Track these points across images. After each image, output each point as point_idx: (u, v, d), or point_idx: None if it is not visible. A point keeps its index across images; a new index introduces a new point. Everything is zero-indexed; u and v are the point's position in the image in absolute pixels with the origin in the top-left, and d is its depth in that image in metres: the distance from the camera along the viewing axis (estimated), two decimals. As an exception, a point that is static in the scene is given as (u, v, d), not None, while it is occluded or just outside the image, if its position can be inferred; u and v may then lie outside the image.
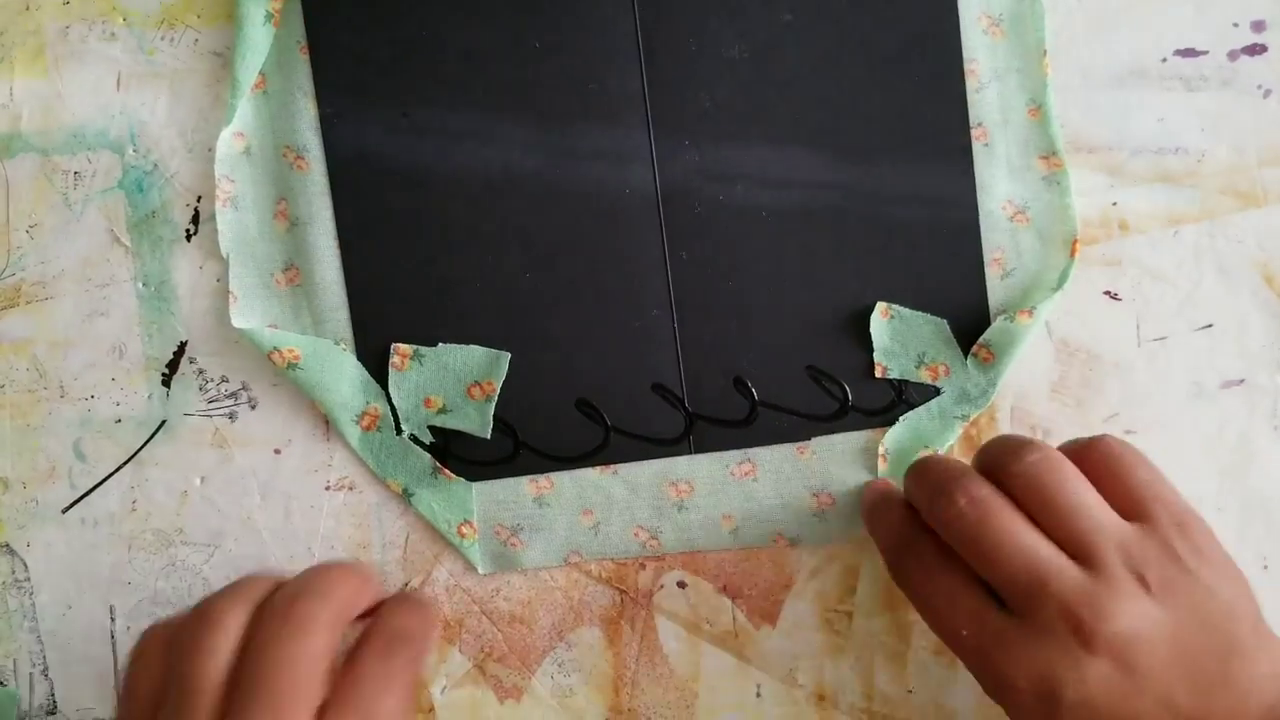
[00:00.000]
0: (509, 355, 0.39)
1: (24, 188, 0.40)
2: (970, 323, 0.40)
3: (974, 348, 0.40)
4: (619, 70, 0.39)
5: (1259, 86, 0.40)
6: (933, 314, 0.40)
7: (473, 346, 0.39)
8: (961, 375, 0.40)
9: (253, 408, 0.40)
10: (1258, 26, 0.40)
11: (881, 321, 0.40)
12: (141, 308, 0.40)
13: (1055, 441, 0.40)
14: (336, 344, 0.39)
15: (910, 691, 0.40)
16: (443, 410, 0.40)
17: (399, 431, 0.40)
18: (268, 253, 0.40)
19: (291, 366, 0.39)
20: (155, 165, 0.40)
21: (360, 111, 0.39)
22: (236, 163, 0.39)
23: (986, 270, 0.40)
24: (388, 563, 0.40)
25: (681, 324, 0.40)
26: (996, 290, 0.40)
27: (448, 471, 0.40)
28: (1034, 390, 0.40)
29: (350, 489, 0.40)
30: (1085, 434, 0.40)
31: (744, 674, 0.40)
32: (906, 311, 0.40)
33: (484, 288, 0.40)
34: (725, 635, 0.40)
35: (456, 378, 0.40)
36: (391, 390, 0.39)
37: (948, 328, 0.40)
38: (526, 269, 0.40)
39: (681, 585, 0.40)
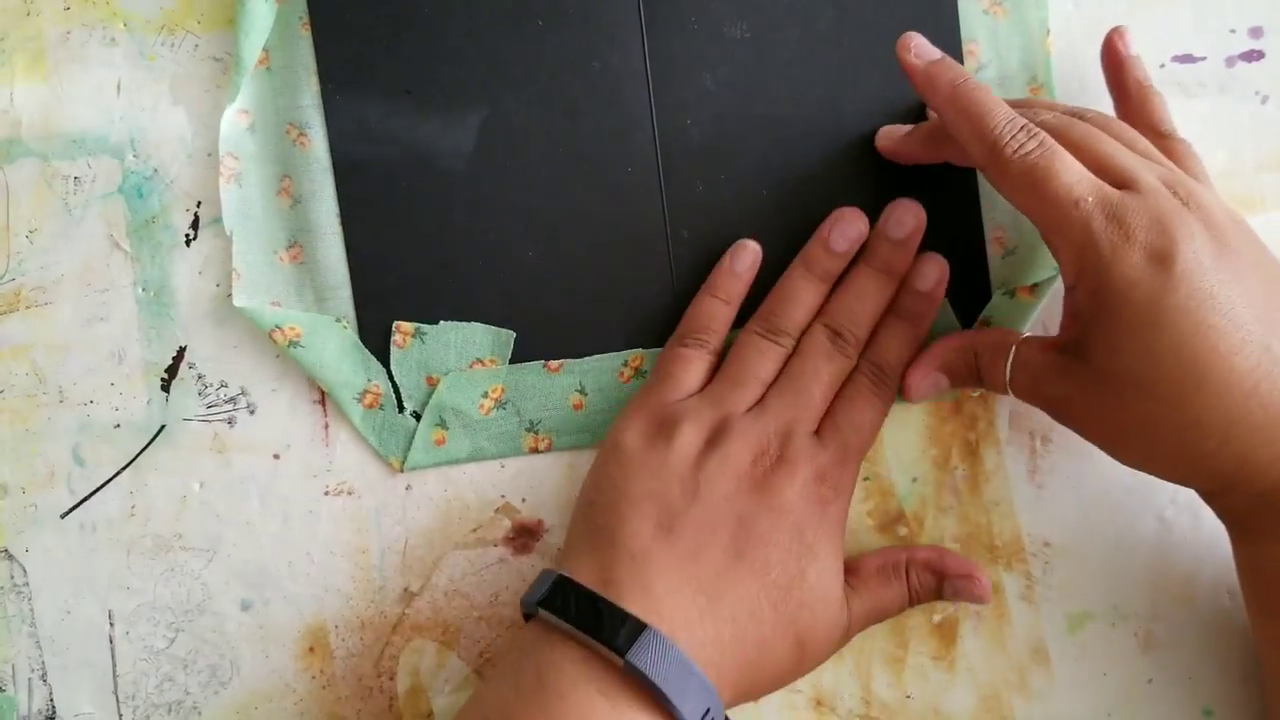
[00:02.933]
0: (514, 334, 0.40)
1: (24, 193, 0.40)
2: (972, 302, 0.40)
3: (975, 325, 0.40)
4: (621, 48, 0.40)
5: (1256, 92, 0.40)
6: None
7: (475, 324, 0.40)
8: None
9: (252, 413, 0.40)
10: (1255, 33, 0.40)
11: None
12: (141, 313, 0.40)
13: (1054, 449, 0.40)
14: (338, 321, 0.39)
15: (908, 697, 0.40)
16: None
17: (401, 409, 0.40)
18: (271, 230, 0.40)
19: (293, 344, 0.39)
20: (155, 170, 0.40)
21: (362, 88, 0.40)
22: (240, 139, 0.40)
23: (988, 249, 0.40)
24: (386, 568, 0.40)
25: (682, 303, 0.40)
26: (998, 269, 0.40)
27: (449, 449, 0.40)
28: (1032, 395, 0.40)
29: (349, 494, 0.40)
30: (1084, 441, 0.40)
31: (743, 679, 0.40)
32: None
33: (486, 265, 0.40)
34: (724, 640, 0.40)
35: (459, 355, 0.40)
36: (393, 368, 0.40)
37: (949, 306, 0.40)
38: (528, 247, 0.40)
39: (680, 590, 0.40)
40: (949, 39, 0.40)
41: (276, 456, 0.40)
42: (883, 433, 0.40)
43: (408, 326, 0.40)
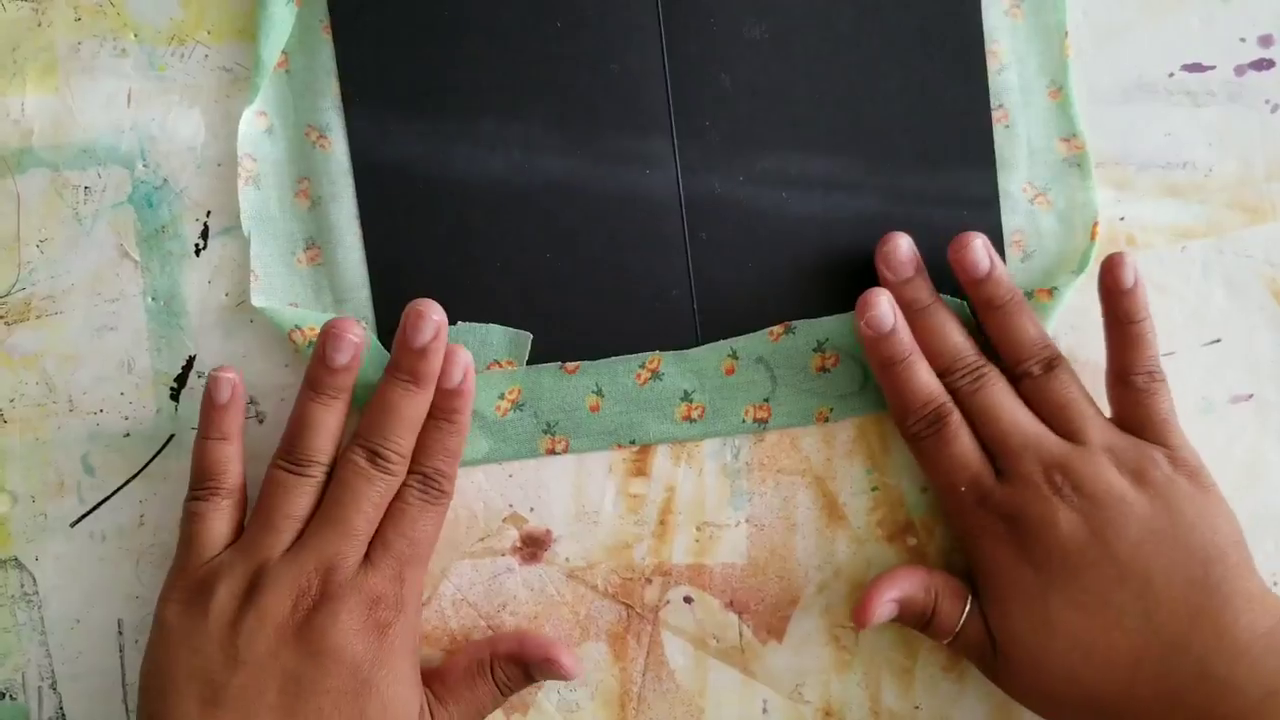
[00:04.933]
0: (531, 335, 0.40)
1: (35, 203, 0.40)
2: None
3: None
4: (640, 49, 0.40)
5: (1266, 101, 0.40)
6: (952, 297, 0.40)
7: (492, 325, 0.40)
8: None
9: (260, 422, 0.40)
10: (1265, 41, 0.40)
11: None
12: (150, 322, 0.40)
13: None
14: (358, 322, 0.39)
15: (917, 708, 0.40)
16: None
17: None
18: (289, 231, 0.40)
19: (312, 345, 0.39)
20: (165, 180, 0.40)
21: (383, 90, 0.40)
22: (258, 141, 0.40)
23: (1007, 252, 0.40)
24: (394, 577, 0.40)
25: (701, 305, 0.40)
26: (1017, 272, 0.40)
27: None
28: (1041, 405, 0.40)
29: (357, 503, 0.40)
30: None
31: (750, 690, 0.40)
32: None
33: (504, 267, 0.40)
34: (732, 651, 0.40)
35: (476, 356, 0.39)
36: None
37: (968, 308, 0.40)
38: (546, 248, 0.40)
39: (688, 600, 0.40)
40: (971, 39, 0.40)
41: (285, 466, 0.40)
42: (891, 442, 0.40)
43: None
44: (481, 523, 0.40)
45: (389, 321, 0.40)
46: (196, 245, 0.40)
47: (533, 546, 0.40)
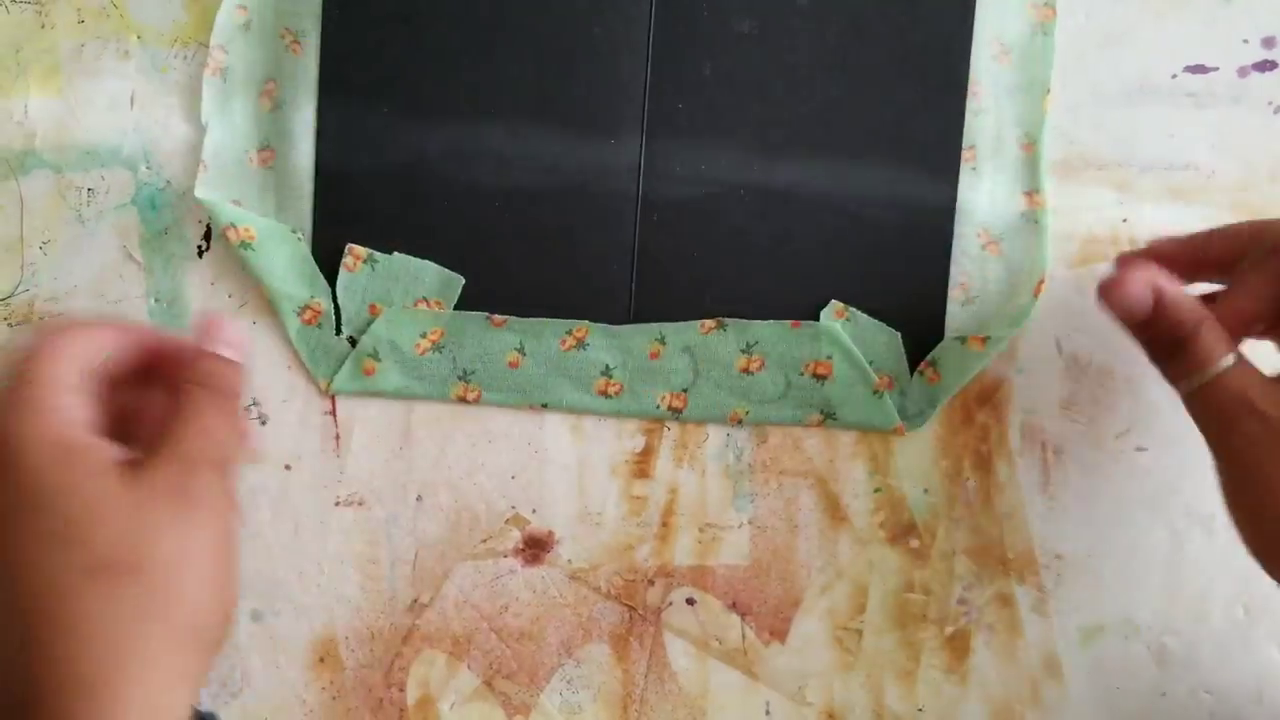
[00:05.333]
0: (463, 280, 0.39)
1: (38, 205, 0.40)
2: (923, 343, 0.40)
3: (921, 365, 0.39)
4: (627, 18, 0.39)
5: (1269, 103, 0.40)
6: (888, 326, 0.39)
7: (427, 262, 0.39)
8: (904, 391, 0.40)
9: (263, 424, 0.40)
10: (1268, 43, 0.40)
11: (835, 320, 0.40)
12: (153, 324, 0.40)
13: (1066, 461, 0.40)
14: (294, 232, 0.39)
15: (920, 710, 0.40)
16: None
17: (338, 332, 0.40)
18: (247, 130, 0.40)
19: (244, 245, 0.39)
20: (168, 182, 0.40)
21: (363, 8, 0.39)
22: (234, 35, 0.39)
23: (949, 293, 0.40)
24: (396, 579, 0.40)
25: (639, 285, 0.40)
26: (956, 315, 0.40)
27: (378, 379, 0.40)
28: (1045, 407, 0.40)
29: (360, 505, 0.40)
30: (1097, 453, 0.40)
31: (753, 691, 0.40)
32: (863, 316, 0.40)
33: (452, 208, 0.40)
34: (734, 652, 0.40)
35: (405, 290, 0.40)
36: (339, 290, 0.40)
37: (900, 341, 0.39)
38: (498, 198, 0.40)
39: (690, 602, 0.40)
40: (956, 75, 0.40)
41: (288, 467, 0.40)
42: (893, 444, 0.40)
43: (361, 251, 0.40)
44: (484, 524, 0.40)
45: (325, 237, 0.40)
46: (199, 247, 0.40)
47: (535, 548, 0.40)
